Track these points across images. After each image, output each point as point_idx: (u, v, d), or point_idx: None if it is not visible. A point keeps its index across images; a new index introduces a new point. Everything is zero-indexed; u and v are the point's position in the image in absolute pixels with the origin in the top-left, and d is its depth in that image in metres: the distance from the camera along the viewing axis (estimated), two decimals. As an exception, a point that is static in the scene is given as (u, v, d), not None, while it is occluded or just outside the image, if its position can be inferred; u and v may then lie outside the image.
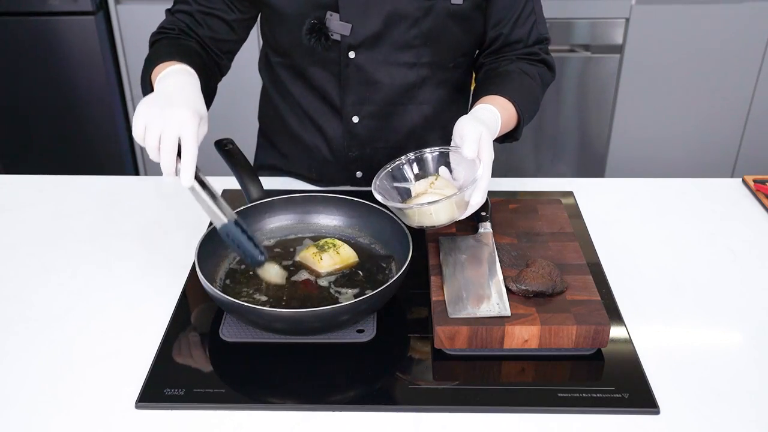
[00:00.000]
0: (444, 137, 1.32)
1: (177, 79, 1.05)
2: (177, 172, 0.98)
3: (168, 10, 1.29)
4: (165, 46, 1.18)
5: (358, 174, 1.35)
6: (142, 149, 2.68)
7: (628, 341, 0.98)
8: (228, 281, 1.05)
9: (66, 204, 1.31)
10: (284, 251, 1.12)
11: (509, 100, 1.16)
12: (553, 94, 2.56)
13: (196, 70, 1.11)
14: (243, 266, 1.08)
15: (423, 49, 1.23)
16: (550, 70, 1.29)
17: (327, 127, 1.31)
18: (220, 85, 2.67)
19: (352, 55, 1.22)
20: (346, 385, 0.91)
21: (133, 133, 0.98)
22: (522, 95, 1.19)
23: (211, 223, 1.11)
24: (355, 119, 1.29)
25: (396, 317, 1.02)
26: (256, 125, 1.51)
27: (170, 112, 0.96)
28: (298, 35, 1.21)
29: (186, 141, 0.97)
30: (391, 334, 0.99)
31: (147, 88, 1.15)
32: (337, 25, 1.19)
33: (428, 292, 1.03)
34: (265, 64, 1.37)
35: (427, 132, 1.33)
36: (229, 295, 0.96)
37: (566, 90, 2.57)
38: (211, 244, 1.05)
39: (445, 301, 0.97)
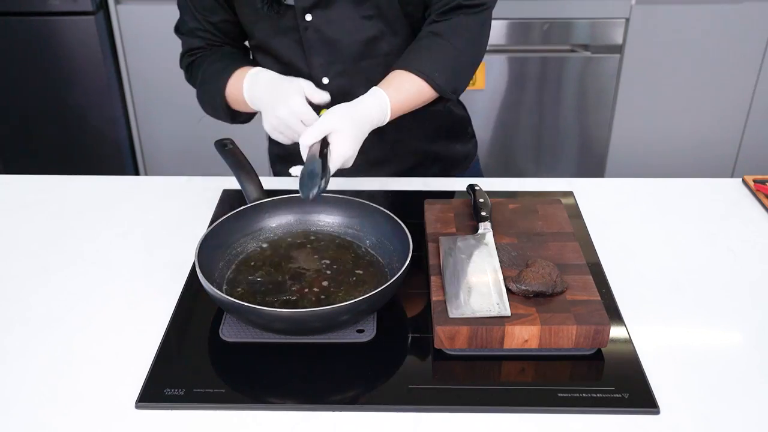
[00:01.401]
0: None
1: (262, 78, 1.20)
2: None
3: (182, 34, 1.35)
4: (214, 62, 1.30)
5: None
6: (142, 149, 2.69)
7: (628, 341, 0.98)
8: (228, 281, 1.05)
9: (66, 204, 1.31)
10: (284, 250, 1.12)
11: (412, 71, 1.20)
12: (553, 94, 2.56)
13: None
14: (242, 265, 1.08)
15: (373, 1, 1.24)
16: (472, 10, 1.25)
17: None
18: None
19: (308, 17, 1.24)
20: (346, 385, 0.91)
21: (268, 131, 1.17)
22: (423, 60, 1.21)
23: (211, 223, 1.11)
24: (325, 80, 1.30)
25: (396, 317, 1.02)
26: (257, 125, 1.52)
27: (279, 108, 1.13)
28: (255, 8, 1.24)
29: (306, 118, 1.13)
30: (391, 334, 0.99)
31: (220, 106, 1.29)
32: None
33: (428, 292, 1.03)
34: (252, 51, 1.41)
35: None
36: (229, 295, 0.96)
37: (566, 90, 2.57)
38: (211, 244, 1.05)
39: (445, 301, 0.97)
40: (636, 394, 0.89)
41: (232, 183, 1.22)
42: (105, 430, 0.85)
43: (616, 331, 0.98)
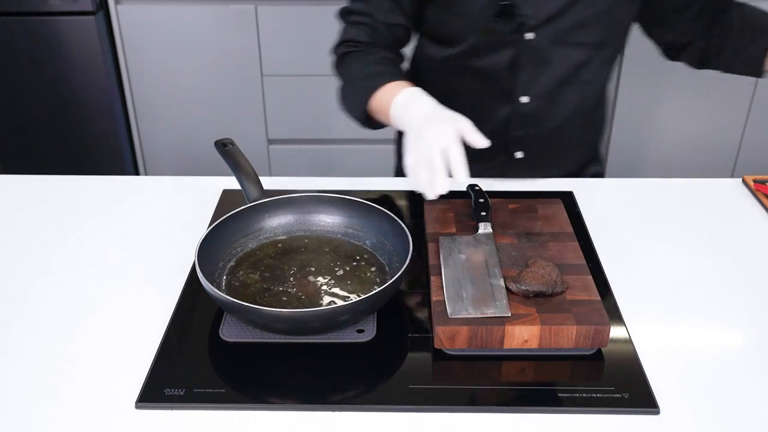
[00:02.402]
0: (595, 120, 1.44)
1: (417, 105, 1.14)
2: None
3: (348, 22, 1.33)
4: (369, 64, 1.26)
5: (519, 154, 1.39)
6: (142, 149, 2.69)
7: (628, 341, 0.98)
8: (228, 281, 1.05)
9: (66, 204, 1.31)
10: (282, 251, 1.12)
11: None
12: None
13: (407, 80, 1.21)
14: (242, 265, 1.08)
15: (594, 28, 1.27)
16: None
17: (492, 108, 1.35)
18: (221, 86, 2.68)
19: (529, 36, 1.26)
20: (346, 385, 0.91)
21: (407, 173, 1.07)
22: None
23: (211, 223, 1.11)
24: (524, 99, 1.33)
25: (396, 317, 1.02)
26: (258, 125, 1.52)
27: (427, 134, 1.05)
28: (477, 20, 1.25)
29: (450, 151, 1.04)
30: (391, 334, 0.99)
31: (361, 109, 1.25)
32: (526, 6, 1.23)
33: (428, 292, 1.03)
34: (421, 59, 1.40)
35: (585, 112, 1.39)
36: (229, 295, 0.96)
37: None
38: (211, 244, 1.05)
39: (445, 301, 0.97)
40: (636, 394, 0.89)
41: (232, 183, 1.22)
42: (105, 430, 0.85)
43: (616, 331, 0.98)
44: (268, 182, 1.24)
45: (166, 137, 2.67)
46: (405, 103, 1.16)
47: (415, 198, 1.31)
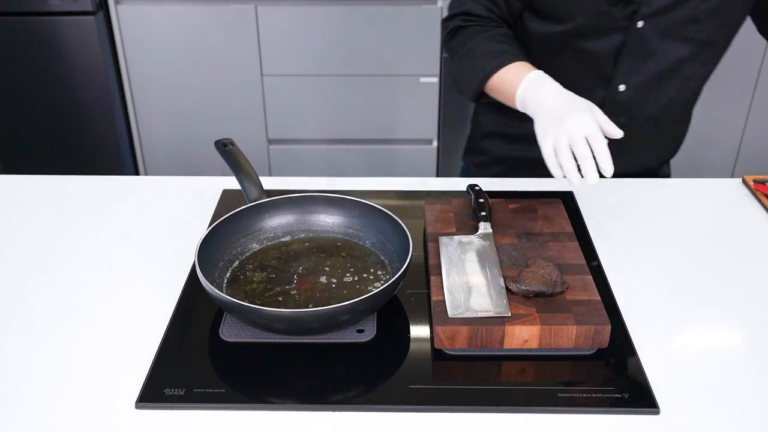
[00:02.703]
0: (686, 117, 1.43)
1: (549, 91, 1.14)
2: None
3: None
4: (489, 41, 1.26)
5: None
6: (142, 149, 2.69)
7: (628, 341, 0.98)
8: (228, 281, 1.05)
9: (66, 204, 1.31)
10: (280, 251, 1.12)
11: None
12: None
13: (529, 61, 1.22)
14: (242, 265, 1.08)
15: (704, 25, 1.26)
16: None
17: (587, 92, 1.30)
18: (221, 86, 2.68)
19: (640, 24, 1.25)
20: (346, 385, 0.91)
21: (546, 158, 1.08)
22: None
23: (211, 223, 1.11)
24: (622, 87, 1.32)
25: (396, 317, 1.02)
26: (259, 126, 1.52)
27: (569, 121, 1.06)
28: (592, 1, 1.23)
29: (594, 139, 1.05)
30: (391, 334, 0.99)
31: (477, 85, 1.25)
32: None
33: (428, 292, 1.03)
34: (522, 34, 1.37)
35: (678, 108, 1.38)
36: (229, 295, 0.96)
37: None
38: (211, 244, 1.05)
39: (445, 301, 0.97)
40: (636, 394, 0.89)
41: (232, 183, 1.22)
42: (105, 430, 0.85)
43: (616, 331, 0.98)
44: (268, 182, 1.24)
45: (166, 137, 2.67)
46: (534, 87, 1.16)
47: (415, 198, 1.31)
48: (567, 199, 1.29)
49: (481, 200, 1.16)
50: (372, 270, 1.08)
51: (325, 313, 0.92)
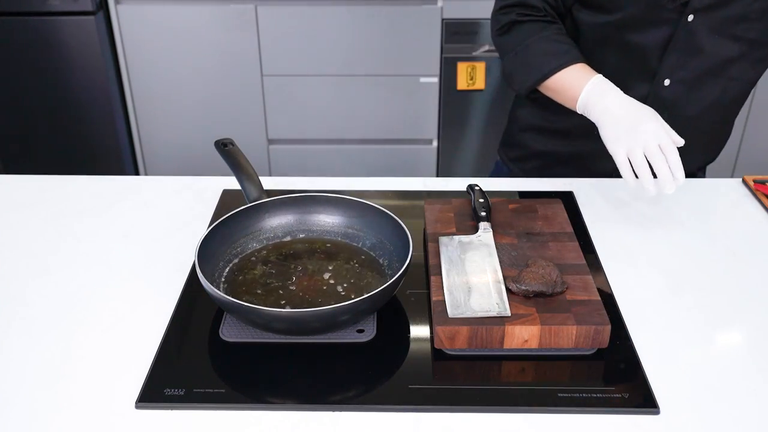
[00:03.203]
0: (730, 119, 1.40)
1: (614, 99, 1.16)
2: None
3: None
4: (549, 39, 1.26)
5: None
6: (142, 149, 2.69)
7: (628, 341, 0.98)
8: (228, 281, 1.05)
9: (66, 204, 1.31)
10: (282, 251, 1.12)
11: None
12: (553, 94, 2.56)
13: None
14: (242, 265, 1.08)
15: (755, 24, 1.24)
16: None
17: (631, 85, 1.31)
18: (221, 86, 2.67)
19: (690, 18, 1.23)
20: (346, 385, 0.91)
21: (619, 166, 1.12)
22: None
23: (211, 223, 1.11)
24: (666, 82, 1.30)
25: (396, 317, 1.02)
26: (258, 125, 1.51)
27: (642, 129, 1.09)
28: None
29: (668, 149, 1.09)
30: (391, 334, 0.99)
31: (531, 81, 1.26)
32: None
33: (428, 292, 1.03)
34: (569, 24, 1.36)
35: (723, 109, 1.36)
36: (229, 295, 0.96)
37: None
38: (211, 244, 1.05)
39: (445, 301, 0.97)
40: (636, 394, 0.89)
41: (232, 183, 1.22)
42: (105, 430, 0.85)
43: (616, 331, 0.98)
44: (268, 182, 1.24)
45: (166, 137, 2.67)
46: (598, 92, 1.17)
47: (415, 198, 1.31)
48: (567, 199, 1.29)
49: (481, 200, 1.16)
50: (372, 270, 1.08)
51: (325, 313, 0.92)
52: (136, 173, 2.75)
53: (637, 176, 1.12)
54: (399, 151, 2.68)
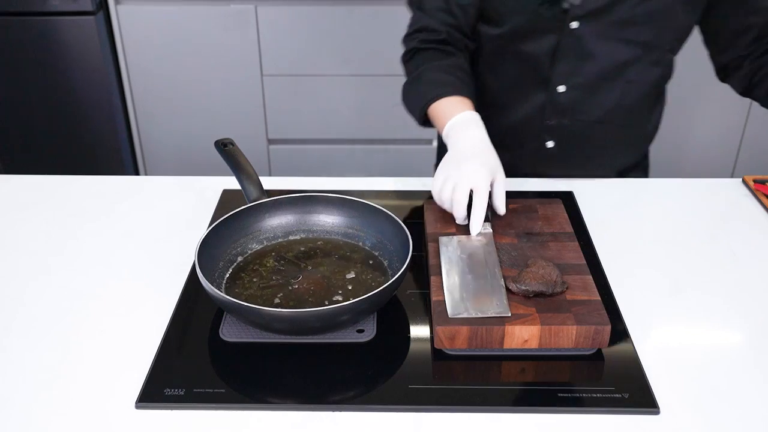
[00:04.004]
0: (640, 122, 1.39)
1: (468, 135, 1.16)
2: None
3: (418, 9, 1.32)
4: (439, 70, 1.27)
5: (550, 144, 1.38)
6: (142, 149, 2.69)
7: (628, 341, 0.98)
8: (228, 281, 1.05)
9: (66, 204, 1.31)
10: (282, 250, 1.12)
11: None
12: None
13: (471, 97, 1.23)
14: (242, 265, 1.08)
15: (643, 28, 1.25)
16: None
17: (528, 94, 1.34)
18: (221, 86, 2.68)
19: (574, 25, 1.24)
20: (346, 385, 0.91)
21: (432, 188, 1.14)
22: None
23: (211, 223, 1.11)
24: (561, 89, 1.31)
25: (396, 317, 1.02)
26: (258, 125, 1.51)
27: (465, 167, 1.10)
28: (524, 2, 1.23)
29: (478, 193, 1.09)
30: (391, 334, 0.99)
31: (419, 111, 1.26)
32: None
33: (428, 292, 1.03)
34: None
35: (626, 113, 1.36)
36: (229, 295, 0.96)
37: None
38: (211, 244, 1.05)
39: (445, 301, 0.97)
40: (636, 394, 0.89)
41: (232, 183, 1.22)
42: (105, 430, 0.85)
43: (616, 331, 0.98)
44: (268, 182, 1.24)
45: (166, 137, 2.67)
46: (459, 127, 1.18)
47: (415, 198, 1.31)
48: (567, 199, 1.29)
49: None
50: (372, 270, 1.08)
51: (325, 313, 0.92)
52: (136, 173, 2.75)
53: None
54: (399, 151, 2.68)
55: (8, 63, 2.50)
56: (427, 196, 1.31)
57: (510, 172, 1.23)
